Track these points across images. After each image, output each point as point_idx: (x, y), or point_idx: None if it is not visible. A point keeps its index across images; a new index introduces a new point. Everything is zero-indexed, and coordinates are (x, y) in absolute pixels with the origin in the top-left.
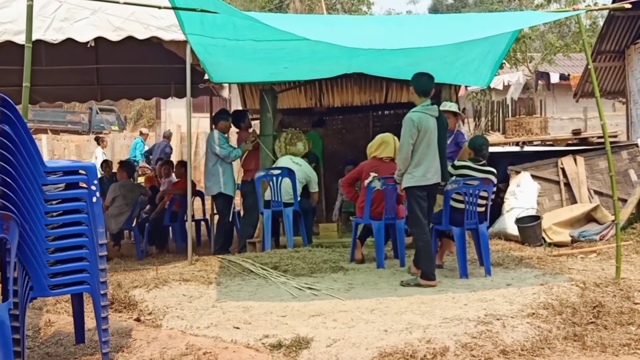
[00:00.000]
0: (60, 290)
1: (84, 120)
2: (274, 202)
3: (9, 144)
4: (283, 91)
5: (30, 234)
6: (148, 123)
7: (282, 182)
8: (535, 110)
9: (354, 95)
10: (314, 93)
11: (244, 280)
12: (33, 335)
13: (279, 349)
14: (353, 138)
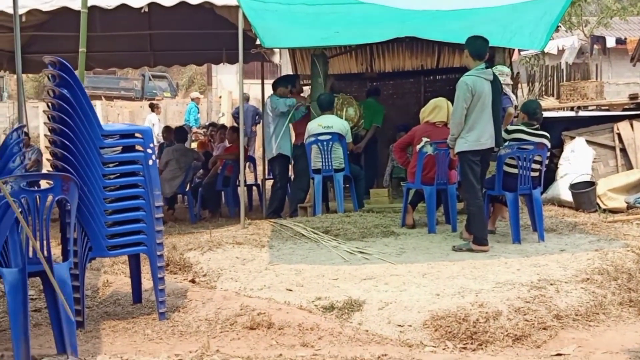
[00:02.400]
0: (118, 251)
1: (137, 87)
2: (325, 167)
3: (68, 108)
4: (334, 56)
5: (88, 195)
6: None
7: (332, 147)
8: (590, 75)
9: (405, 60)
10: (365, 58)
11: (295, 244)
12: (92, 295)
13: (332, 311)
14: (404, 104)
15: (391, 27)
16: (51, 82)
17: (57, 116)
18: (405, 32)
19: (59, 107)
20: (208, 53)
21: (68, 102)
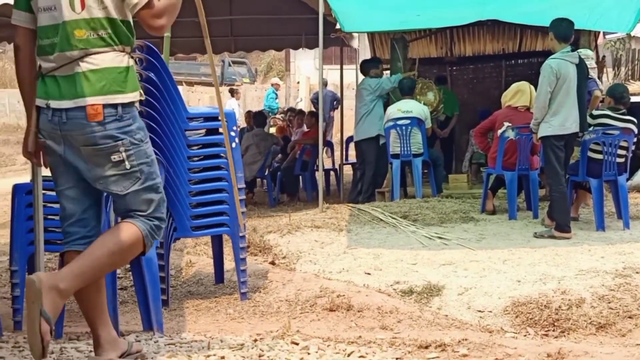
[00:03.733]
0: (202, 232)
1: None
2: (403, 152)
3: (155, 91)
4: (414, 40)
5: (174, 177)
6: (278, 75)
7: (411, 132)
8: None
9: (486, 44)
10: (445, 42)
11: (373, 229)
12: (176, 275)
13: (410, 295)
14: (484, 88)
15: (472, 10)
16: (138, 66)
17: (143, 99)
18: (486, 15)
19: (146, 90)
20: (288, 38)
21: (155, 85)
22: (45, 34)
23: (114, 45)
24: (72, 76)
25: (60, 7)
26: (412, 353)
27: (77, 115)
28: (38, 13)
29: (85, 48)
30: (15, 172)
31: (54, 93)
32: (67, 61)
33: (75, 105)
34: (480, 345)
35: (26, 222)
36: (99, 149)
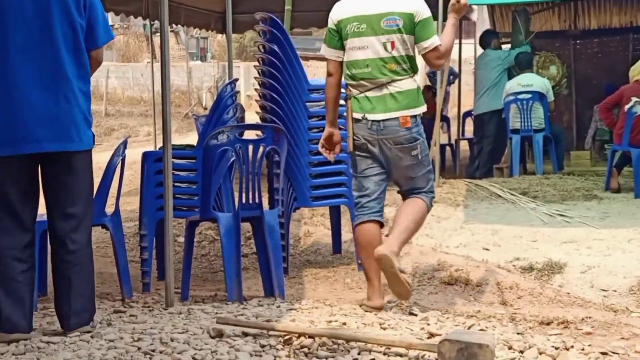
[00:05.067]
0: (321, 202)
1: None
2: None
3: (277, 63)
4: (536, 12)
5: (295, 148)
6: None
7: (532, 107)
8: None
9: (612, 17)
10: (568, 14)
11: (491, 205)
12: (294, 244)
13: (531, 272)
14: (609, 62)
15: None
16: (262, 38)
17: (266, 71)
18: None
19: (268, 62)
20: None
21: (277, 57)
22: (358, 66)
23: (410, 73)
24: (382, 96)
25: (375, 48)
26: (533, 329)
27: (392, 124)
28: (350, 51)
29: (392, 76)
30: (139, 143)
31: (367, 108)
32: (376, 85)
33: (390, 117)
34: (605, 324)
35: (154, 188)
36: (406, 147)
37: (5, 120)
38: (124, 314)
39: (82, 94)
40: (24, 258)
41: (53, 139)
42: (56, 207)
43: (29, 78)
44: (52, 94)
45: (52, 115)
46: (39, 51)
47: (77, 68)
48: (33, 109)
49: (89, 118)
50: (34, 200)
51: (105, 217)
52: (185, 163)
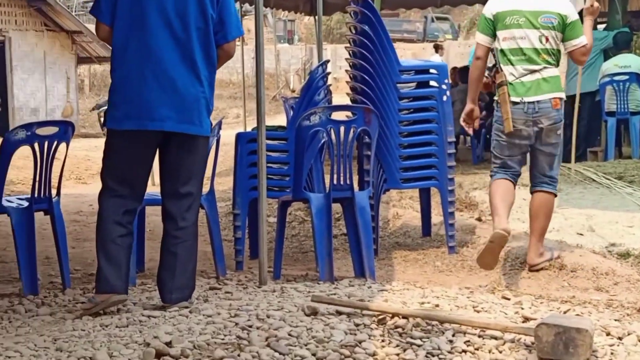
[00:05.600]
0: (411, 184)
1: (419, 29)
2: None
3: (369, 44)
4: None
5: (385, 129)
6: None
7: (629, 89)
8: None
9: None
10: None
11: (585, 189)
12: (383, 226)
13: (627, 258)
14: None
15: None
16: (353, 19)
17: (357, 52)
18: None
19: (360, 43)
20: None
21: (369, 38)
22: (517, 53)
23: (555, 64)
24: (536, 80)
25: (532, 39)
26: (631, 316)
27: (545, 105)
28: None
29: (544, 65)
30: (228, 125)
31: (522, 92)
32: (531, 71)
33: (543, 98)
34: None
35: (247, 168)
36: (555, 126)
37: (136, 96)
38: (219, 290)
39: (208, 82)
40: (124, 223)
41: (176, 120)
42: (171, 186)
43: (161, 59)
44: (180, 77)
45: (178, 97)
46: (172, 35)
47: (205, 57)
48: (162, 88)
49: (210, 106)
50: (146, 175)
51: (201, 196)
52: (277, 144)
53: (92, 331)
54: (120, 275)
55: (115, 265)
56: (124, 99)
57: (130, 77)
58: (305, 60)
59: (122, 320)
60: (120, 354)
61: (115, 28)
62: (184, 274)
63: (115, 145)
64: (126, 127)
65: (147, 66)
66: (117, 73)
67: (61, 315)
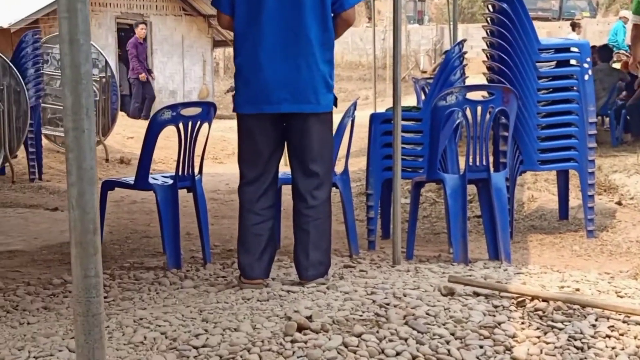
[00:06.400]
0: (548, 166)
1: (554, 7)
2: None
3: (507, 22)
4: None
5: (523, 109)
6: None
7: None
8: None
9: None
10: None
11: None
12: (518, 209)
13: None
14: None
15: None
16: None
17: (495, 31)
18: None
19: (498, 22)
20: None
21: (507, 15)
22: None
23: None
24: None
25: None
26: None
27: None
28: None
29: None
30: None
31: None
32: None
33: None
34: None
35: (381, 149)
36: None
37: (254, 81)
38: (353, 269)
39: (324, 58)
40: (259, 211)
41: (293, 101)
42: (299, 165)
43: (275, 42)
44: (294, 58)
45: (292, 79)
46: (286, 16)
47: (321, 32)
48: (276, 72)
49: (329, 82)
50: (275, 158)
51: (335, 176)
52: (412, 124)
53: (235, 304)
54: (258, 264)
55: (251, 253)
56: (244, 84)
57: (248, 62)
58: (435, 41)
59: (262, 295)
60: (263, 327)
61: (235, 16)
62: (318, 251)
63: (242, 129)
64: (247, 111)
65: (262, 51)
66: (237, 60)
67: (204, 288)
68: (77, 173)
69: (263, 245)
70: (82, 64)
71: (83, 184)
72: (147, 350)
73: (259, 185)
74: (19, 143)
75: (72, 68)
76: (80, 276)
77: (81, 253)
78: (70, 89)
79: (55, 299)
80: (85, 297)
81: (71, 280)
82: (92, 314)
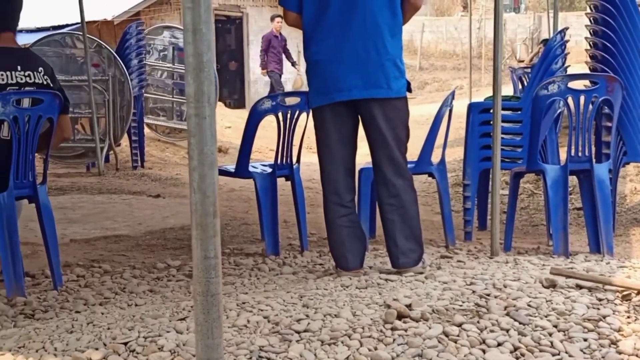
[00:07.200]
0: None
1: None
2: None
3: (612, 9)
4: None
5: (627, 99)
6: None
7: None
8: None
9: None
10: None
11: None
12: (620, 201)
13: None
14: None
15: None
16: None
17: (599, 18)
18: None
19: (602, 9)
20: None
21: (612, 3)
22: None
23: None
24: None
25: None
26: None
27: None
28: None
29: None
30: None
31: None
32: None
33: None
34: None
35: (479, 139)
36: None
37: (324, 72)
38: (450, 259)
39: (393, 43)
40: (341, 203)
41: (363, 86)
42: (375, 153)
43: (344, 30)
44: (363, 44)
45: (362, 66)
46: (354, 3)
47: (390, 17)
48: (345, 59)
49: (400, 66)
50: (351, 148)
51: (432, 166)
52: (511, 114)
53: (334, 291)
54: (350, 255)
55: (340, 244)
56: (315, 76)
57: (317, 53)
58: (532, 29)
59: (361, 282)
60: (363, 314)
61: (304, 9)
62: (406, 239)
63: (317, 121)
64: (319, 103)
65: (331, 40)
66: (306, 53)
67: (303, 275)
68: (199, 158)
69: (351, 236)
70: (204, 53)
71: (204, 168)
72: (250, 333)
73: (337, 178)
74: (122, 132)
75: (195, 56)
76: (200, 257)
77: (201, 235)
78: (192, 76)
79: (160, 282)
80: (205, 277)
81: (174, 265)
82: (211, 294)
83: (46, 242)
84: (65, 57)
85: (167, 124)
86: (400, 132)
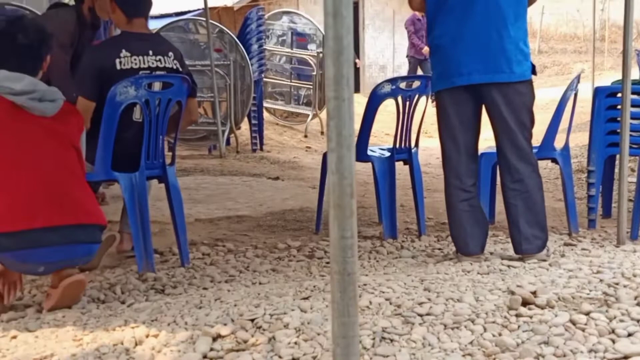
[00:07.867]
0: None
1: None
2: None
3: None
4: None
5: None
6: None
7: None
8: None
9: None
10: None
11: None
12: None
13: None
14: None
15: None
16: None
17: None
18: None
19: None
20: None
21: None
22: None
23: None
24: None
25: None
26: None
27: None
28: None
29: None
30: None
31: None
32: None
33: None
34: None
35: (605, 124)
36: None
37: (445, 57)
38: (574, 247)
39: (516, 25)
40: (463, 188)
41: (483, 71)
42: (498, 138)
43: (465, 13)
44: (485, 27)
45: (483, 50)
46: None
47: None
48: (466, 43)
49: (524, 49)
50: (473, 133)
51: (555, 152)
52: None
53: (455, 275)
54: (471, 240)
55: (461, 228)
56: (438, 61)
57: (440, 37)
58: None
59: (482, 268)
60: (486, 299)
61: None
62: (530, 224)
63: (439, 106)
64: (441, 87)
65: (453, 23)
66: (429, 37)
67: (422, 259)
68: (337, 139)
69: (472, 220)
70: (344, 36)
71: (342, 150)
72: (372, 314)
73: (459, 162)
74: (242, 115)
75: (335, 40)
76: (337, 237)
77: (339, 215)
78: (332, 59)
79: (282, 262)
80: (342, 256)
81: (294, 245)
82: (347, 273)
83: (174, 220)
84: (189, 43)
85: (285, 108)
86: (524, 117)
